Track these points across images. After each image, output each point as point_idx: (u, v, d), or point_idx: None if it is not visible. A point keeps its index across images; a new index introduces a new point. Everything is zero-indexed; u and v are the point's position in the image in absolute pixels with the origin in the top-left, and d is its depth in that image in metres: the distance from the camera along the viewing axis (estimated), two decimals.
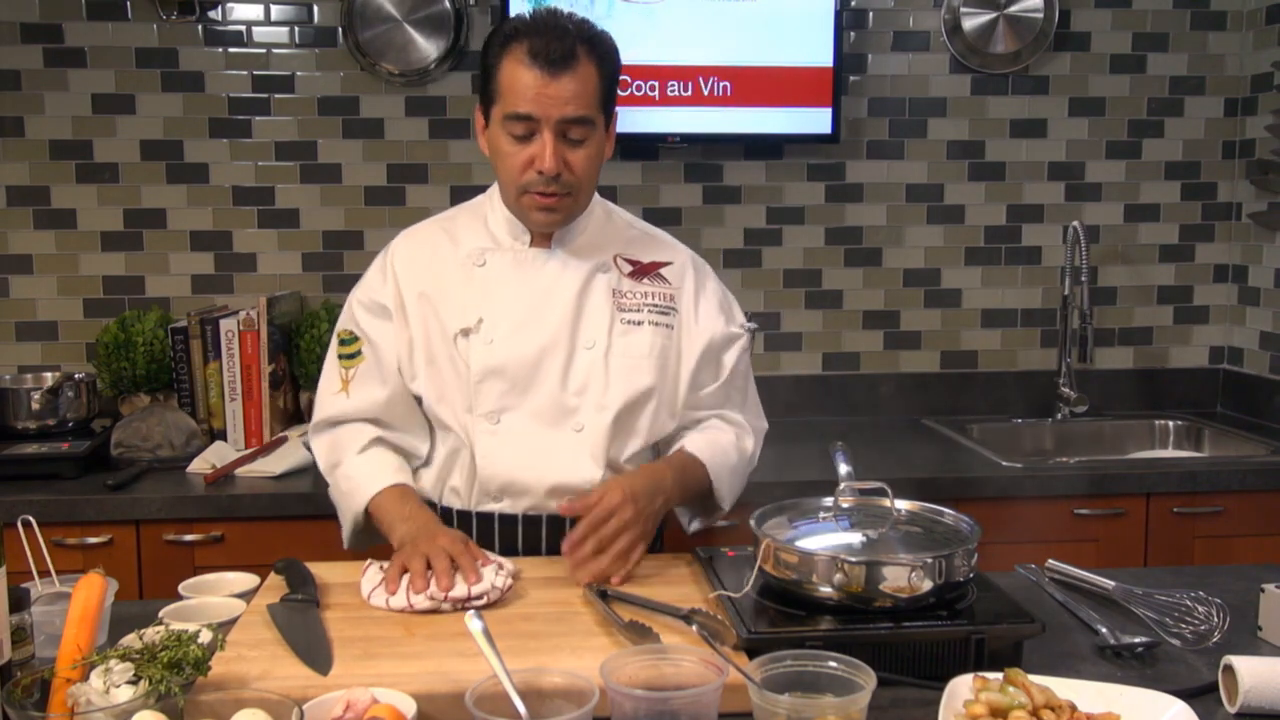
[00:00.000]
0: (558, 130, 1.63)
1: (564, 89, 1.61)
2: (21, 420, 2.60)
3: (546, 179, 1.64)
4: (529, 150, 1.65)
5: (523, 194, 1.68)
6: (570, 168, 1.66)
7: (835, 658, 1.18)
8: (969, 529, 1.46)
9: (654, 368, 1.75)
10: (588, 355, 1.73)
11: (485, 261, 1.77)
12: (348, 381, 1.79)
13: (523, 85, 1.62)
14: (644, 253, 1.83)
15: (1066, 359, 3.08)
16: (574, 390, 1.73)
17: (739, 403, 1.86)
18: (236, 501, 2.36)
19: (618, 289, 1.77)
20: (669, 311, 1.79)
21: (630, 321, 1.76)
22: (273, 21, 2.93)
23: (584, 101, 1.63)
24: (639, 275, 1.80)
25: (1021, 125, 3.12)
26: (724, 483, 1.76)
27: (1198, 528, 2.55)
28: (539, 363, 1.72)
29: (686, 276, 1.83)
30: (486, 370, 1.71)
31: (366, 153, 2.98)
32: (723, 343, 1.82)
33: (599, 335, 1.74)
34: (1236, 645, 1.41)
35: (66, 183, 2.91)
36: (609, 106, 1.71)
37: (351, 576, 1.59)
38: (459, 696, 1.13)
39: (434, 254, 1.80)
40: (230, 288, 2.98)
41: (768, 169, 3.07)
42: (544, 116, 1.62)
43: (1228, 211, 3.20)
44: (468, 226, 1.82)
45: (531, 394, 1.71)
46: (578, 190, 1.69)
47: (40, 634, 1.33)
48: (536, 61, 1.61)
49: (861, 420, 3.08)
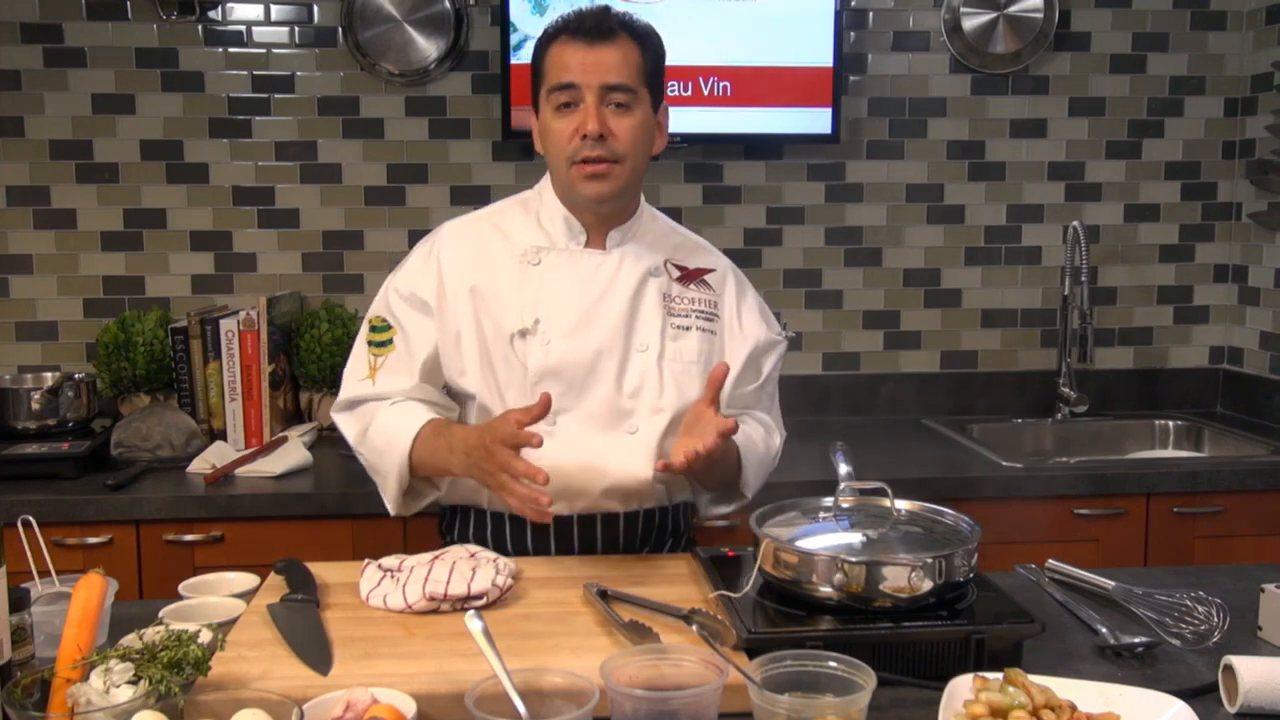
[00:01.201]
0: (600, 96, 1.67)
1: (605, 57, 1.67)
2: (21, 420, 2.60)
3: (592, 143, 1.66)
4: (574, 119, 1.68)
5: (571, 165, 1.69)
6: (615, 134, 1.68)
7: (835, 658, 1.18)
8: (969, 529, 1.46)
9: (701, 373, 1.76)
10: (641, 358, 1.74)
11: (540, 260, 1.76)
12: (375, 370, 1.77)
13: (565, 57, 1.68)
14: (689, 259, 1.85)
15: (1066, 359, 3.08)
16: (629, 393, 1.73)
17: (768, 406, 1.90)
18: (236, 501, 2.36)
19: (668, 293, 1.79)
20: (713, 318, 1.81)
21: (680, 326, 1.78)
22: (273, 21, 2.93)
23: (625, 71, 1.68)
24: (686, 280, 1.82)
25: (1021, 125, 3.12)
26: (751, 469, 1.77)
27: (1198, 528, 2.55)
28: (595, 365, 1.72)
29: (728, 284, 1.86)
30: (544, 371, 1.70)
31: (366, 153, 2.98)
32: (764, 348, 1.85)
33: (652, 339, 1.75)
34: (1236, 645, 1.41)
35: (66, 183, 2.91)
36: (655, 89, 1.74)
37: (351, 576, 1.59)
38: (459, 696, 1.13)
39: (484, 249, 1.79)
40: (230, 288, 2.98)
41: (768, 169, 3.07)
42: (585, 83, 1.67)
43: (1228, 211, 3.20)
44: (519, 222, 1.81)
45: (587, 396, 1.72)
46: (624, 159, 1.69)
47: (40, 634, 1.32)
48: (577, 36, 1.68)
49: (861, 420, 3.08)
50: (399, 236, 2.98)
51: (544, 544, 1.75)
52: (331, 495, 2.38)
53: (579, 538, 1.76)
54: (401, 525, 2.33)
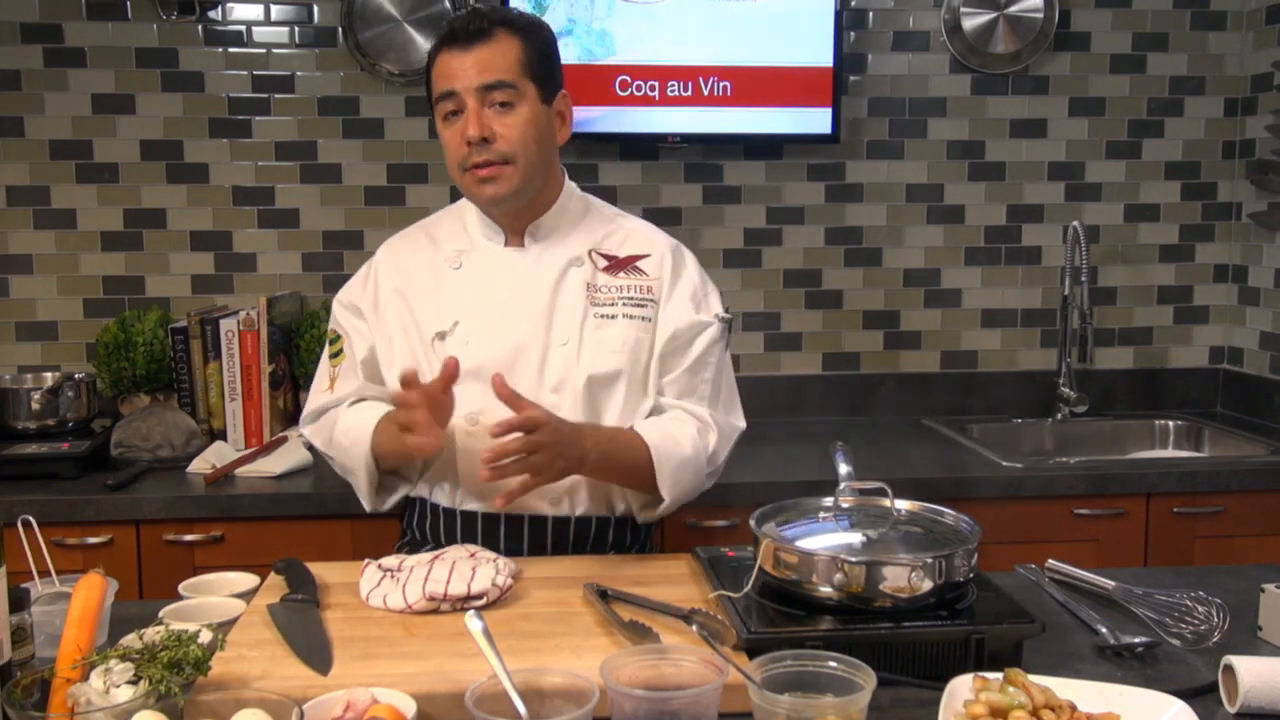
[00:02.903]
0: (480, 99, 1.68)
1: (478, 58, 1.68)
2: (21, 420, 2.60)
3: (476, 148, 1.68)
4: (459, 126, 1.69)
5: (464, 172, 1.72)
6: (499, 134, 1.68)
7: (835, 658, 1.18)
8: (969, 529, 1.46)
9: (624, 359, 1.75)
10: (562, 352, 1.74)
11: (461, 264, 1.81)
12: (334, 380, 1.86)
13: (444, 67, 1.71)
14: (622, 246, 1.83)
15: (1066, 359, 3.08)
16: (551, 387, 1.74)
17: (707, 396, 1.81)
18: (236, 501, 2.36)
19: (592, 283, 1.78)
20: (646, 304, 1.79)
21: (604, 315, 1.76)
22: (273, 21, 2.93)
23: (502, 68, 1.68)
24: (615, 269, 1.80)
25: (1021, 125, 3.12)
26: (667, 472, 1.70)
27: (1198, 528, 2.55)
28: (514, 363, 1.72)
29: (665, 266, 1.82)
30: (463, 372, 1.69)
31: (366, 153, 2.98)
32: (689, 330, 1.79)
33: (572, 331, 1.75)
34: (1236, 645, 1.41)
35: (66, 183, 2.91)
36: (544, 80, 1.73)
37: (351, 576, 1.59)
38: (459, 696, 1.13)
39: (415, 257, 1.84)
40: (230, 288, 2.98)
41: (768, 169, 3.07)
42: (463, 88, 1.68)
43: (1228, 211, 3.20)
44: (448, 229, 1.86)
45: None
46: (514, 159, 1.70)
47: (40, 634, 1.32)
48: (453, 44, 1.70)
49: (861, 420, 3.08)
50: None
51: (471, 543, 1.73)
52: (331, 495, 2.38)
53: (505, 538, 1.76)
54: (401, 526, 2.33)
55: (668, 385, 1.80)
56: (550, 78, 1.75)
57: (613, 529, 1.81)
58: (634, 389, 1.77)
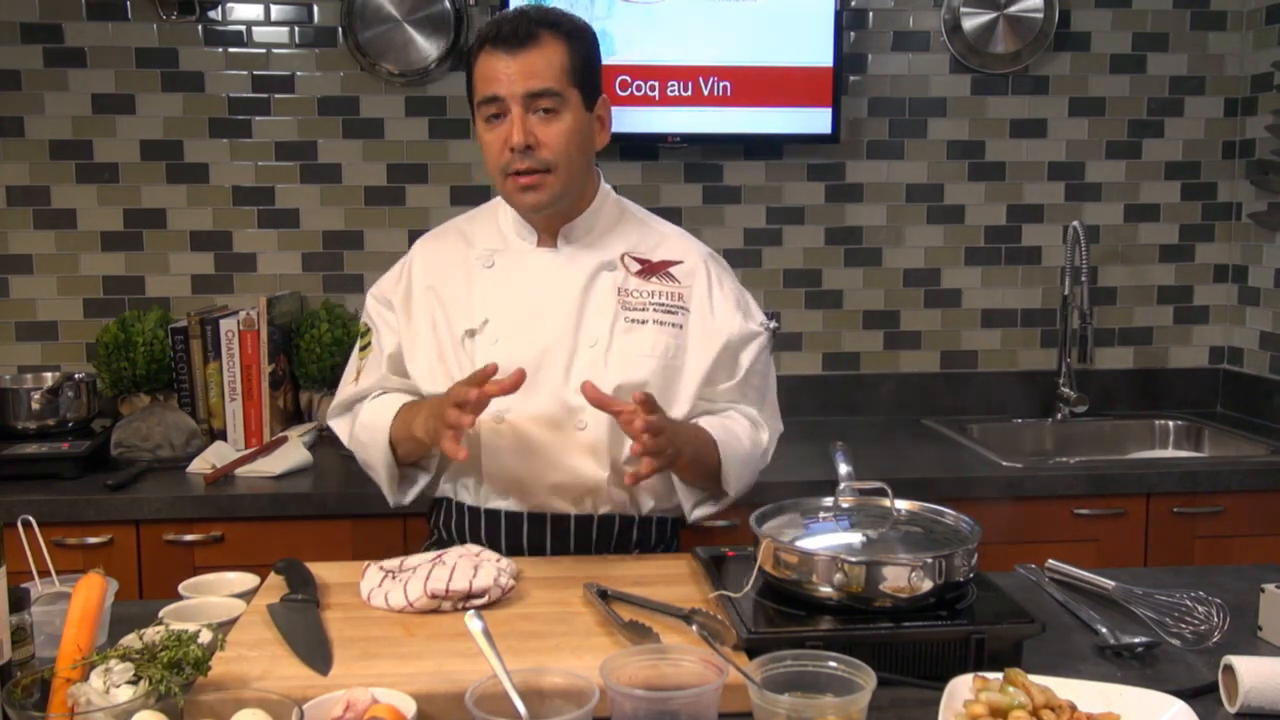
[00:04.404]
0: (525, 105, 1.67)
1: (525, 64, 1.66)
2: (21, 420, 2.60)
3: (520, 155, 1.67)
4: (503, 131, 1.68)
5: (505, 177, 1.71)
6: (542, 142, 1.67)
7: (835, 658, 1.18)
8: (969, 529, 1.46)
9: (655, 366, 1.75)
10: (590, 354, 1.74)
11: (494, 263, 1.80)
12: (360, 372, 1.87)
13: (489, 70, 1.68)
14: (655, 251, 1.83)
15: (1066, 359, 3.08)
16: (576, 389, 1.72)
17: (755, 401, 1.85)
18: (236, 501, 2.36)
19: (623, 287, 1.78)
20: (677, 310, 1.78)
21: (634, 320, 1.76)
22: (273, 21, 2.93)
23: (548, 75, 1.67)
24: (647, 274, 1.80)
25: (1021, 125, 3.12)
26: (732, 466, 1.73)
27: (1198, 528, 2.55)
28: (542, 362, 1.72)
29: (698, 275, 1.82)
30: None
31: (366, 153, 2.98)
32: (740, 341, 1.81)
33: (601, 333, 1.75)
34: (1236, 645, 1.41)
35: (66, 183, 2.91)
36: (587, 86, 1.72)
37: (351, 577, 1.59)
38: (459, 696, 1.13)
39: (449, 254, 1.84)
40: (230, 288, 2.98)
41: (768, 169, 3.07)
42: (509, 94, 1.66)
43: (1228, 211, 3.20)
44: (482, 227, 1.86)
45: (535, 393, 1.71)
46: (556, 167, 1.69)
47: (40, 634, 1.32)
48: (498, 46, 1.67)
49: (861, 420, 3.08)
50: (399, 236, 2.98)
51: (495, 542, 1.75)
52: (331, 495, 2.38)
53: (528, 537, 1.76)
54: (401, 525, 2.34)
55: (720, 394, 1.80)
56: (593, 84, 1.74)
57: (636, 528, 1.81)
58: (661, 395, 1.76)
